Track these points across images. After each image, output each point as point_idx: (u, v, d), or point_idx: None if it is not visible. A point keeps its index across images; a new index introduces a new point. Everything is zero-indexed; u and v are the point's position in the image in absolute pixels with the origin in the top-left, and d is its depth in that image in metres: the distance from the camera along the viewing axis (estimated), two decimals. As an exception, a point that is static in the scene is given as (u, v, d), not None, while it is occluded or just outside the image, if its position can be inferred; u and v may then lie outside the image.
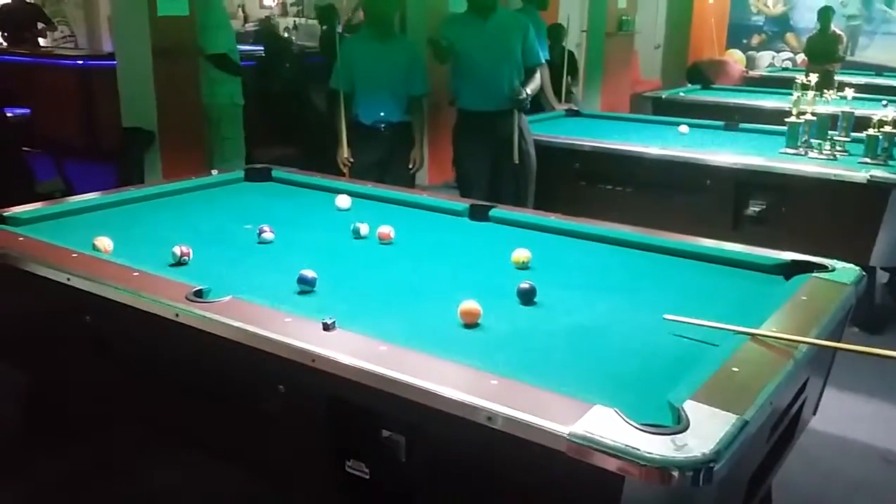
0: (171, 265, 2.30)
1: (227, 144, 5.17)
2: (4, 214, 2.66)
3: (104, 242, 2.38)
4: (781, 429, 1.85)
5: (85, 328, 2.23)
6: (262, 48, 7.41)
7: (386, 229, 2.63)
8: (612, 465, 1.26)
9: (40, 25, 9.17)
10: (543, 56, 4.27)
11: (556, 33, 6.53)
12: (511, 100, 4.00)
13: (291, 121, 6.69)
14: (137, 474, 2.71)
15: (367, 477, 1.67)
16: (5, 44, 8.89)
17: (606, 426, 1.31)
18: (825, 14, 8.63)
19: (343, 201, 3.07)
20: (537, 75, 4.23)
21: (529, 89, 4.08)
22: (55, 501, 2.61)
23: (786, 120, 4.28)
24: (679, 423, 1.33)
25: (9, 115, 5.28)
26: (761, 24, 11.79)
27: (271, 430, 1.87)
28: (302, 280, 2.11)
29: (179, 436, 2.30)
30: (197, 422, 2.13)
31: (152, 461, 2.76)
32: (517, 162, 4.11)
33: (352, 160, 3.87)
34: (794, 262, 2.32)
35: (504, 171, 4.15)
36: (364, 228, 2.67)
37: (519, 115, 4.10)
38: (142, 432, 2.64)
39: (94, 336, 2.24)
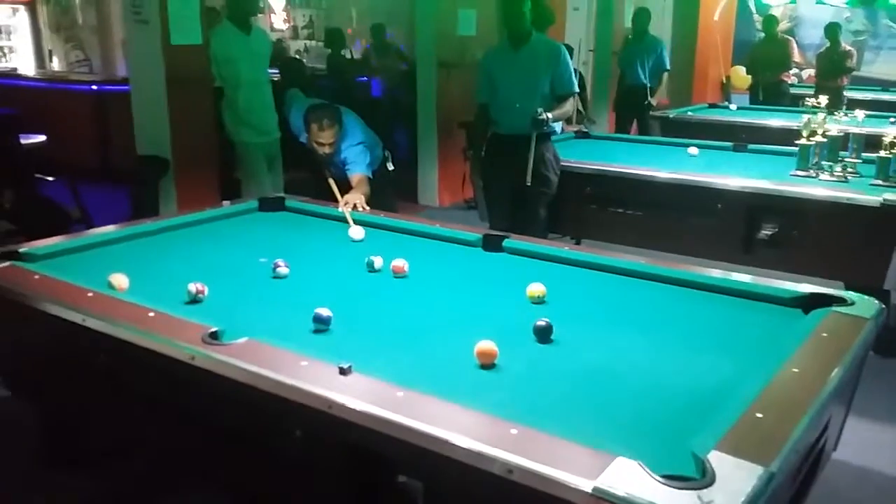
0: (187, 303, 2.30)
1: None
2: (21, 250, 2.66)
3: (119, 280, 2.38)
4: (806, 469, 1.83)
5: (101, 366, 2.23)
6: (277, 71, 7.40)
7: (400, 263, 2.63)
8: (637, 522, 1.24)
9: None
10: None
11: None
12: (531, 122, 4.04)
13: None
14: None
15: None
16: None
17: (630, 480, 1.30)
18: (833, 30, 8.65)
19: (357, 233, 3.07)
20: (566, 103, 4.29)
21: (553, 114, 4.13)
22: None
23: (796, 142, 4.26)
24: (704, 477, 1.32)
25: (23, 142, 5.34)
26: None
27: (289, 475, 1.86)
28: (317, 319, 2.10)
29: (197, 473, 2.30)
30: (214, 461, 2.12)
31: (169, 495, 2.75)
32: (528, 184, 4.13)
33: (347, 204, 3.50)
34: (812, 295, 2.30)
35: (520, 193, 4.20)
36: (378, 261, 2.66)
37: (542, 140, 4.17)
38: (158, 466, 2.63)
39: (110, 374, 2.24)
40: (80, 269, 2.53)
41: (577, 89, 4.38)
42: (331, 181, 3.68)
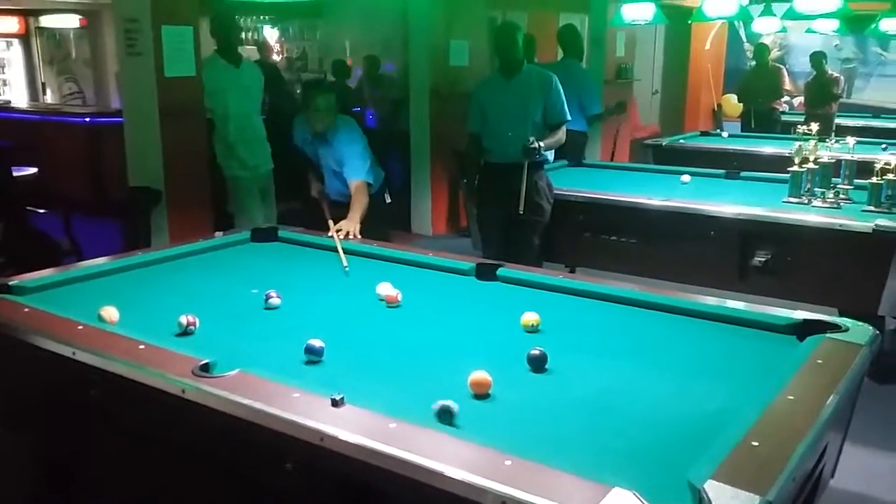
0: (177, 335, 2.28)
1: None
2: (10, 283, 2.63)
3: (110, 312, 2.36)
4: (803, 497, 1.80)
5: (91, 400, 2.20)
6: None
7: (393, 292, 2.61)
8: (634, 555, 1.22)
9: None
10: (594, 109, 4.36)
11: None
12: (522, 151, 4.06)
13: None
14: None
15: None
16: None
17: (626, 512, 1.28)
18: (817, 59, 8.76)
19: (386, 290, 2.66)
20: (559, 132, 4.31)
21: (545, 143, 4.14)
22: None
23: (788, 169, 4.28)
24: (701, 508, 1.30)
25: (15, 174, 5.33)
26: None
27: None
28: (309, 350, 2.09)
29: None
30: (205, 495, 2.08)
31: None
32: (521, 212, 4.14)
33: (339, 229, 3.42)
34: (806, 321, 2.30)
35: (513, 222, 4.21)
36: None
37: (534, 169, 4.19)
38: (149, 502, 2.58)
39: (100, 408, 2.20)
40: (70, 302, 2.51)
41: (569, 118, 4.41)
42: (324, 207, 3.66)
